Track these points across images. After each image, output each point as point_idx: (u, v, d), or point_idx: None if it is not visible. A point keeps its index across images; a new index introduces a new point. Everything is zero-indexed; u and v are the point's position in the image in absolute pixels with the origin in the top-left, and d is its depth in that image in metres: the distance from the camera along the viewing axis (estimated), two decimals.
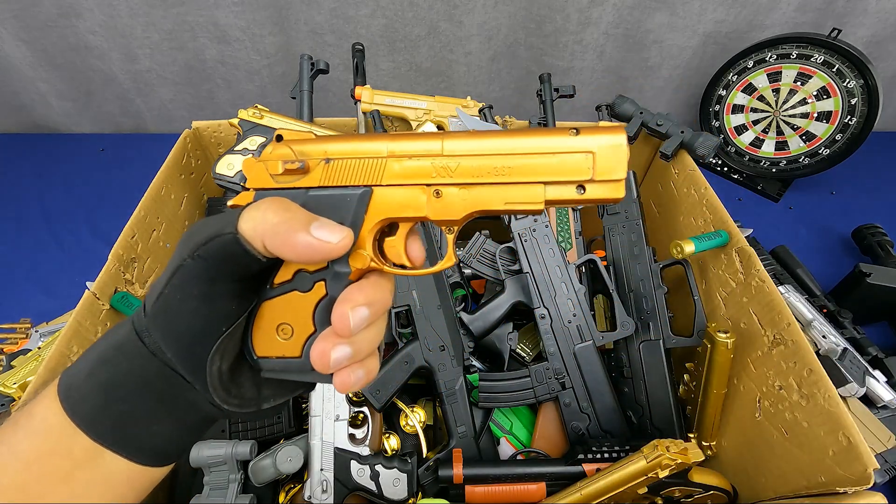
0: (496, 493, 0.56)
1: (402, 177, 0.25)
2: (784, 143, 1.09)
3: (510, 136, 0.24)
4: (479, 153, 0.25)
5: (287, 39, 1.12)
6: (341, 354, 0.24)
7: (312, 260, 0.24)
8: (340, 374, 0.24)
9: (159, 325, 0.24)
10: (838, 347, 0.74)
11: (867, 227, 0.99)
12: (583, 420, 0.62)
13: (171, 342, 0.24)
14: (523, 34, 1.12)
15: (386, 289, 0.26)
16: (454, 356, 0.63)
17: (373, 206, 0.25)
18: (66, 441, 0.24)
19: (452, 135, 0.25)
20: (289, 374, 0.27)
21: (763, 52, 1.04)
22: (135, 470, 0.25)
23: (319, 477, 0.55)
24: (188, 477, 0.60)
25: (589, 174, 0.23)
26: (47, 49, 1.11)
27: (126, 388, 0.24)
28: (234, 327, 0.25)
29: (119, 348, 0.25)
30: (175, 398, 0.25)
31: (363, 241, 0.25)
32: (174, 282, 0.24)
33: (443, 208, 0.25)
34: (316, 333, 0.26)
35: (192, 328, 0.24)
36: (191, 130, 0.78)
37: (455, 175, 0.25)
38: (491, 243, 0.70)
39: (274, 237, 0.23)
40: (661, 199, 0.80)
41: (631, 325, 0.64)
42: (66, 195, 1.12)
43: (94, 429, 0.24)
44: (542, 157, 0.24)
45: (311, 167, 0.26)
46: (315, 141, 0.26)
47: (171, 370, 0.24)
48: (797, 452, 0.50)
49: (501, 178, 0.24)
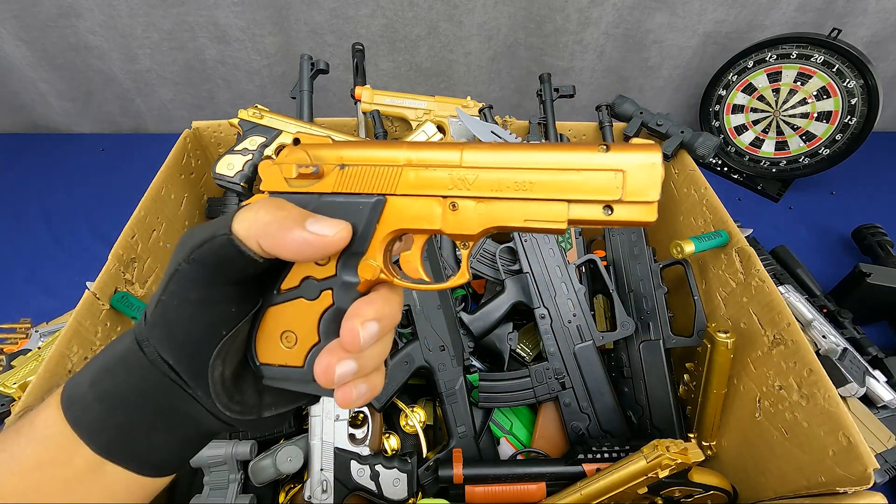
0: (496, 493, 0.56)
1: (418, 187, 0.24)
2: (784, 143, 1.09)
3: (534, 149, 0.23)
4: (499, 166, 0.23)
5: (287, 39, 1.12)
6: (346, 370, 0.23)
7: (310, 256, 0.24)
8: (343, 389, 0.24)
9: (158, 333, 0.24)
10: (838, 347, 0.74)
11: (867, 227, 0.99)
12: (583, 420, 0.62)
13: (171, 349, 0.24)
14: (523, 34, 1.12)
15: (395, 303, 0.25)
16: (454, 356, 0.63)
17: (385, 215, 0.25)
18: (66, 450, 0.23)
19: (473, 146, 0.24)
20: (290, 384, 0.26)
21: (763, 52, 1.04)
22: (135, 480, 0.25)
23: (319, 477, 0.55)
24: (188, 477, 0.60)
25: (618, 194, 0.22)
26: (47, 49, 1.11)
27: (126, 400, 0.24)
28: (234, 331, 0.25)
29: (120, 359, 0.25)
30: (174, 411, 0.25)
31: (374, 252, 0.25)
32: (171, 288, 0.24)
33: (458, 222, 0.24)
34: (320, 344, 0.25)
35: (192, 333, 0.24)
36: (191, 130, 0.78)
37: (473, 188, 0.24)
38: (491, 243, 0.70)
39: (268, 236, 0.23)
40: (661, 199, 0.80)
41: (631, 325, 0.64)
42: (66, 195, 1.12)
43: (94, 439, 0.24)
44: (567, 174, 0.22)
45: (325, 172, 0.25)
46: (331, 146, 0.26)
47: (170, 381, 0.24)
48: (797, 452, 0.50)
49: (522, 194, 0.23)
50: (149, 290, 0.63)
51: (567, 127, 0.83)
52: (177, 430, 0.25)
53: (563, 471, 0.56)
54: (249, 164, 0.71)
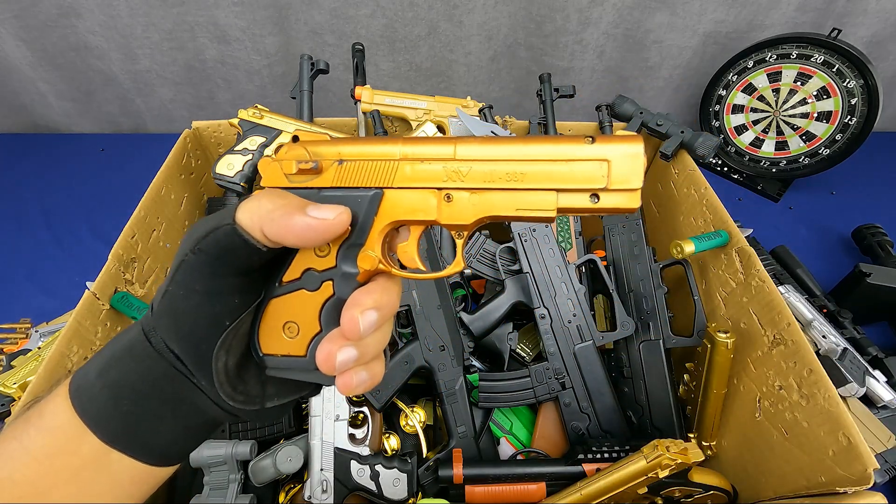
0: (496, 493, 0.56)
1: (414, 180, 0.25)
2: (784, 143, 1.09)
3: (523, 142, 0.24)
4: (491, 158, 0.25)
5: (287, 39, 1.12)
6: (347, 357, 0.24)
7: (314, 241, 0.24)
8: (344, 375, 0.24)
9: (165, 323, 0.25)
10: (838, 347, 0.74)
11: (867, 227, 0.99)
12: (583, 420, 0.62)
13: (177, 339, 0.24)
14: (523, 34, 1.12)
15: (394, 292, 0.26)
16: (454, 356, 0.63)
17: (383, 208, 0.26)
18: (74, 439, 0.24)
19: (465, 140, 0.25)
20: (292, 373, 0.27)
21: (763, 52, 1.04)
22: (140, 469, 0.25)
23: (319, 477, 0.55)
24: (188, 477, 0.60)
25: (603, 182, 0.23)
26: (47, 49, 1.11)
27: (133, 390, 0.25)
28: (238, 322, 0.25)
29: (128, 349, 0.25)
30: (180, 401, 0.25)
31: (372, 243, 0.26)
32: (177, 278, 0.24)
33: (453, 213, 0.25)
34: (322, 333, 0.26)
35: (197, 324, 0.24)
36: (191, 130, 0.78)
37: (466, 180, 0.25)
38: (491, 243, 0.70)
39: (271, 223, 0.23)
40: (661, 199, 0.80)
41: (631, 325, 0.64)
42: (66, 195, 1.12)
43: (101, 428, 0.24)
44: (555, 164, 0.24)
45: (324, 168, 0.26)
46: (329, 143, 0.27)
47: (176, 371, 0.25)
48: (797, 452, 0.50)
49: (513, 184, 0.24)
50: (149, 290, 0.63)
51: (567, 127, 0.83)
52: (182, 420, 0.26)
53: (563, 471, 0.56)
54: (249, 164, 0.71)
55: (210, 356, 0.24)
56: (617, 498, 0.51)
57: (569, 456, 0.58)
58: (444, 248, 0.70)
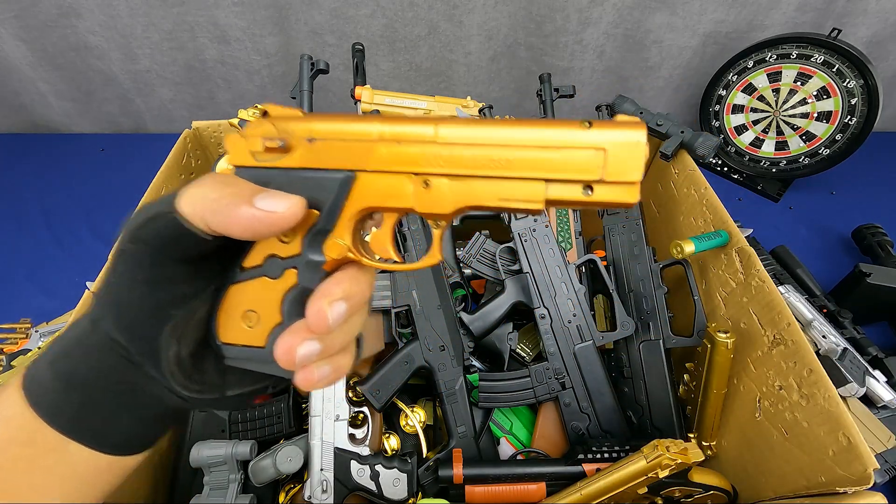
0: (496, 493, 0.56)
1: (389, 163, 0.23)
2: (784, 143, 1.09)
3: (512, 125, 0.22)
4: (475, 142, 0.22)
5: (287, 39, 1.11)
6: (308, 351, 0.22)
7: (262, 233, 0.23)
8: (305, 370, 0.23)
9: (108, 314, 0.24)
10: (838, 347, 0.74)
11: (867, 227, 0.99)
12: (583, 420, 0.62)
13: (123, 329, 0.23)
14: (523, 34, 1.12)
15: (364, 282, 0.24)
16: (454, 356, 0.63)
17: (355, 192, 0.23)
18: (28, 430, 0.23)
19: (448, 120, 0.23)
20: (250, 364, 0.25)
21: (763, 52, 1.04)
22: (101, 458, 0.25)
23: (319, 477, 0.55)
24: (188, 477, 0.60)
25: (598, 174, 0.21)
26: (47, 49, 1.11)
27: (84, 380, 0.24)
28: (188, 310, 0.24)
29: (77, 341, 0.24)
30: (134, 391, 0.24)
31: (342, 231, 0.24)
32: (118, 269, 0.23)
33: (431, 200, 0.23)
34: (283, 324, 0.24)
35: (142, 314, 0.23)
36: (191, 130, 0.78)
37: (447, 165, 0.22)
38: (491, 243, 0.70)
39: (214, 214, 0.22)
40: (661, 199, 0.80)
41: (631, 325, 0.64)
42: (66, 195, 1.12)
43: (55, 419, 0.24)
44: (546, 151, 0.21)
45: (293, 146, 0.24)
46: (301, 119, 0.24)
47: (128, 362, 0.24)
48: (797, 452, 0.50)
49: (498, 172, 0.22)
50: None
51: None
52: (138, 410, 0.25)
53: (563, 471, 0.56)
54: None
55: (158, 345, 0.23)
56: (617, 498, 0.51)
57: (569, 456, 0.58)
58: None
